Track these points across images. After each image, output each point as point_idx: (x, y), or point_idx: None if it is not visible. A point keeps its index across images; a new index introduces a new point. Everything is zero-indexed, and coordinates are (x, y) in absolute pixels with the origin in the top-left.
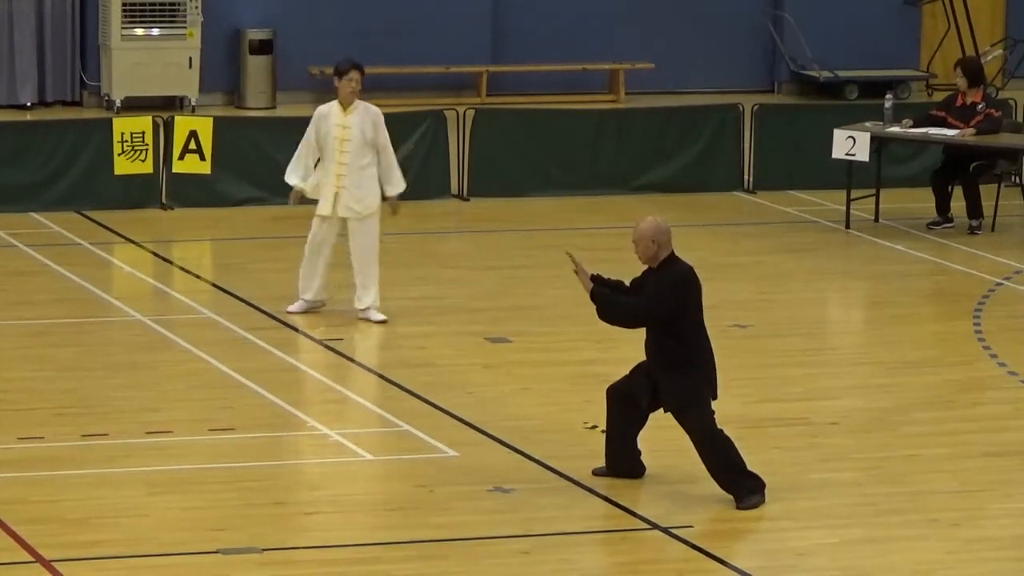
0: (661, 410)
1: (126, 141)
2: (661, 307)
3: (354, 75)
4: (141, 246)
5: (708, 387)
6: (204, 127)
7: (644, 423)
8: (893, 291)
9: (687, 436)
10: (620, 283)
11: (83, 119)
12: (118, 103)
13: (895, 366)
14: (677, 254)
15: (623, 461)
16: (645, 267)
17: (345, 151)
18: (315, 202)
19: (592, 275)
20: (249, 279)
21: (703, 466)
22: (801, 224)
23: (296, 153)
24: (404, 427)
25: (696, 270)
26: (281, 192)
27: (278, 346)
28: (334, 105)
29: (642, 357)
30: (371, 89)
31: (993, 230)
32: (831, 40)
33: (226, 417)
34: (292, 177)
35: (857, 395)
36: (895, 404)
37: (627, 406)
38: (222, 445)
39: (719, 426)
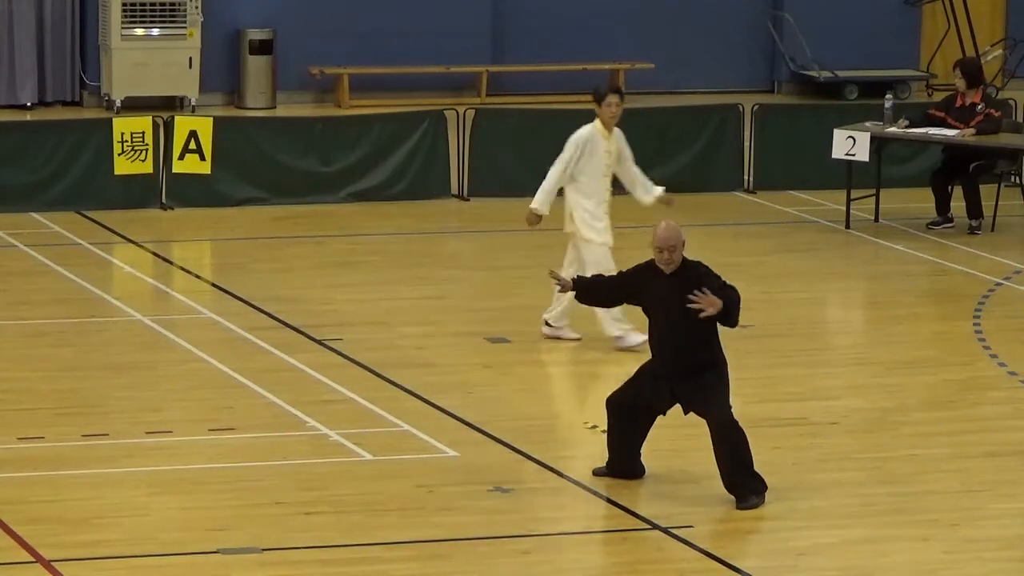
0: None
1: (126, 141)
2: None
3: (612, 99)
4: (141, 246)
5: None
6: (204, 127)
7: (648, 430)
8: (893, 291)
9: (686, 436)
10: (599, 276)
11: (83, 119)
12: (118, 103)
13: (895, 366)
14: None
15: (625, 466)
16: (636, 265)
17: (609, 176)
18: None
19: (575, 277)
20: (249, 279)
21: (703, 466)
22: (801, 224)
23: (551, 178)
24: (404, 427)
25: None
26: (281, 192)
27: (278, 346)
28: (595, 130)
29: (643, 357)
30: (371, 89)
31: (993, 230)
32: (831, 40)
33: (226, 417)
34: (542, 203)
35: (857, 395)
36: (895, 404)
37: (632, 416)
38: (222, 445)
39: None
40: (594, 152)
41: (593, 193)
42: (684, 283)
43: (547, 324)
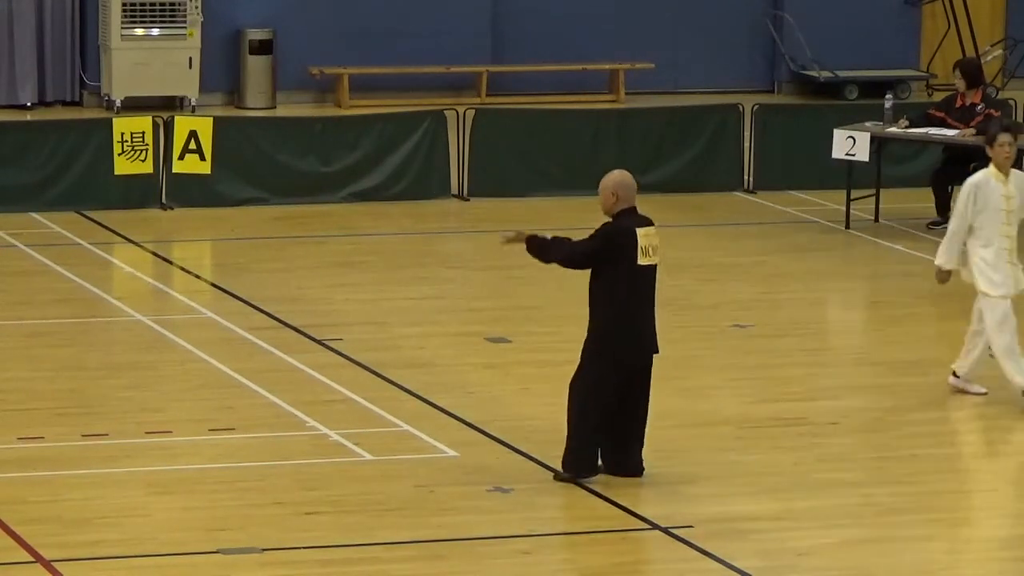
0: (652, 406)
1: (126, 141)
2: (586, 251)
3: (1004, 139)
4: (141, 246)
5: (631, 351)
6: (204, 127)
7: (613, 408)
8: (893, 291)
9: (687, 436)
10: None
11: (83, 119)
12: (118, 103)
13: (895, 366)
14: (640, 212)
15: (605, 452)
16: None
17: (1011, 223)
18: None
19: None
20: (249, 279)
21: (703, 466)
22: (801, 224)
23: (951, 230)
24: (404, 427)
25: (696, 270)
26: (281, 192)
27: (278, 346)
28: (988, 175)
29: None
30: (371, 89)
31: None
32: (831, 40)
33: (226, 417)
34: (945, 258)
35: (857, 395)
36: (895, 404)
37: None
38: (222, 445)
39: (651, 410)
40: (988, 199)
41: (991, 242)
42: None
43: (954, 375)
